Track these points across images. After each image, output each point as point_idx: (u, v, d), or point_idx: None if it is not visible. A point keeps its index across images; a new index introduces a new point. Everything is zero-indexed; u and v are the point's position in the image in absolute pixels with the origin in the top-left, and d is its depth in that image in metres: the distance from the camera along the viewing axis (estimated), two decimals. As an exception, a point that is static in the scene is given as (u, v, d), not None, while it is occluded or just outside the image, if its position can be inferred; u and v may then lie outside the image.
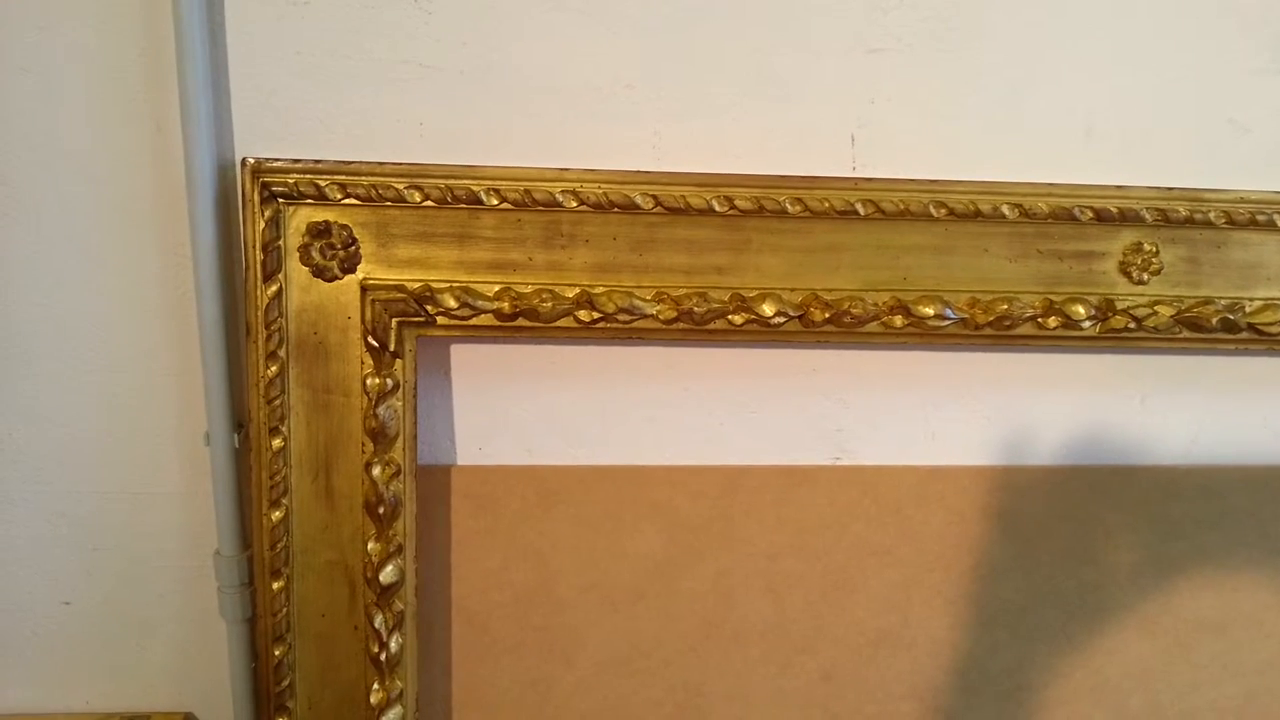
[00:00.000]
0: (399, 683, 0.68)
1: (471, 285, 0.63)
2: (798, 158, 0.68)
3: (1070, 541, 0.77)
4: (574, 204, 0.63)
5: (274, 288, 0.63)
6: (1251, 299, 0.69)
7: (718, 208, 0.64)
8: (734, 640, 0.75)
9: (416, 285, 0.63)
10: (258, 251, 0.62)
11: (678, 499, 0.73)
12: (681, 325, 0.65)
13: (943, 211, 0.65)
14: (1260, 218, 0.67)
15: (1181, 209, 0.67)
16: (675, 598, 0.74)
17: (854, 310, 0.65)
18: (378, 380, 0.63)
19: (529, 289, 0.64)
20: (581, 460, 0.72)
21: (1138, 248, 0.67)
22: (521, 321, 0.64)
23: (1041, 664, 0.78)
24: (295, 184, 0.62)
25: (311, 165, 0.62)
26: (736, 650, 0.75)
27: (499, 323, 0.64)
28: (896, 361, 0.73)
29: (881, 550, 0.75)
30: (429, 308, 0.63)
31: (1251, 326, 0.68)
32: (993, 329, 0.67)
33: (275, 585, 0.66)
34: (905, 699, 0.78)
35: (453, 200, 0.62)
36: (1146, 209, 0.66)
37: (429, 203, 0.62)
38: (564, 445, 0.72)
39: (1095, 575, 0.77)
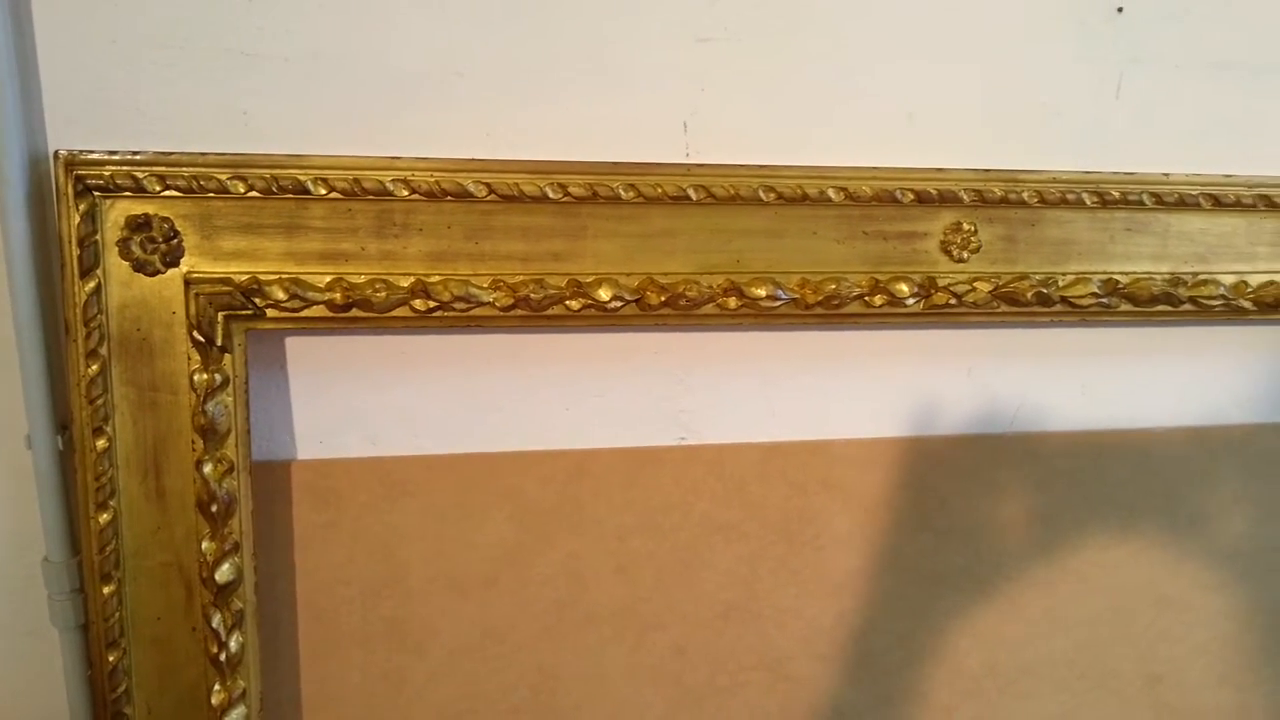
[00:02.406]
0: (241, 682, 0.67)
1: (301, 276, 0.62)
2: (632, 144, 0.69)
3: (907, 509, 0.80)
4: (405, 193, 0.62)
5: (92, 284, 0.60)
6: (1064, 273, 0.72)
7: (552, 195, 0.64)
8: (586, 621, 0.76)
9: (243, 278, 0.62)
10: (74, 247, 0.60)
11: (526, 485, 0.73)
12: (519, 312, 0.65)
13: (772, 196, 0.67)
14: (1070, 196, 0.71)
15: (997, 189, 0.70)
16: (526, 582, 0.75)
17: (689, 293, 0.67)
18: (205, 376, 0.62)
19: (362, 279, 0.63)
20: (427, 450, 0.72)
21: (957, 227, 0.70)
22: (355, 312, 0.63)
23: (884, 628, 0.82)
24: (112, 176, 0.60)
25: (129, 157, 0.60)
26: (589, 630, 0.76)
27: (332, 314, 0.63)
28: (736, 342, 0.75)
29: (727, 526, 0.77)
30: (257, 300, 0.62)
31: (1064, 299, 0.72)
32: (823, 308, 0.69)
33: (106, 590, 0.64)
34: (755, 669, 0.80)
35: (279, 190, 0.61)
36: (964, 190, 0.69)
37: (254, 193, 0.61)
38: (409, 435, 0.72)
39: (931, 541, 0.81)
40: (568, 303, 0.65)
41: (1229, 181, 0.73)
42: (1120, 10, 0.73)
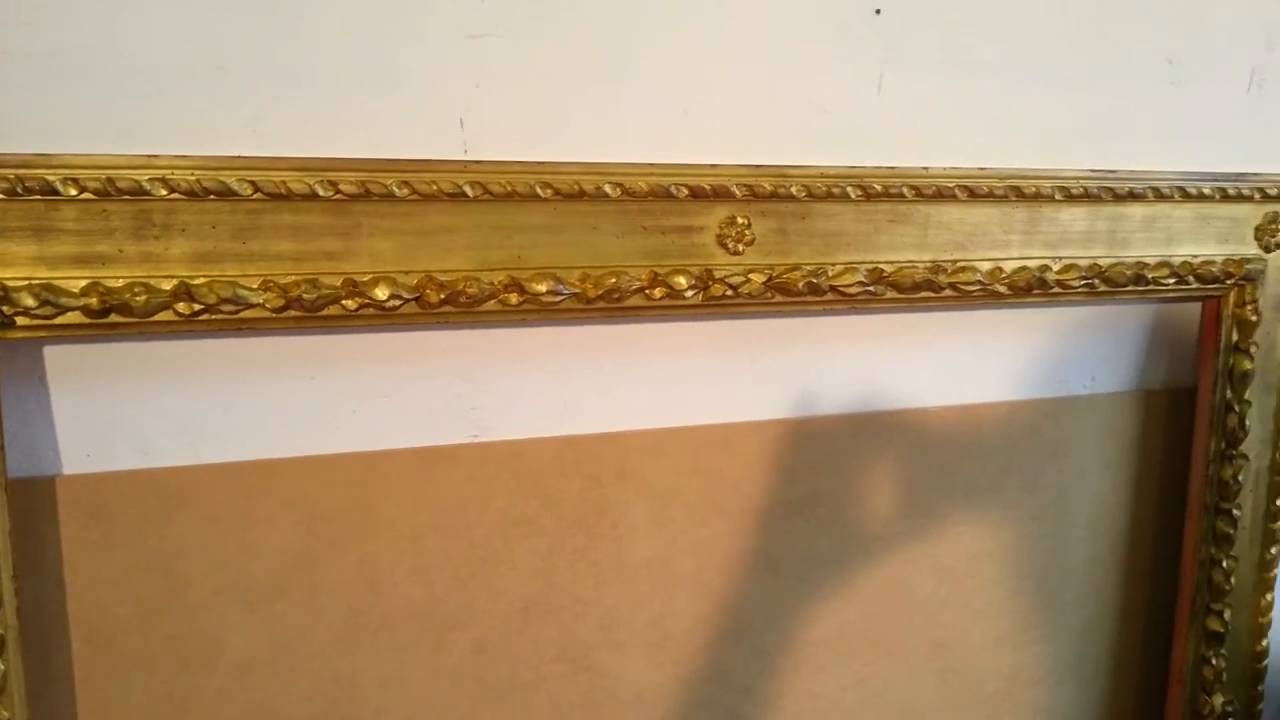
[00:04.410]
0: (5, 712, 0.63)
1: (53, 282, 0.59)
2: (409, 141, 0.68)
3: (699, 495, 0.82)
4: (164, 192, 0.60)
5: None
6: (833, 264, 0.76)
7: (322, 192, 0.63)
8: (383, 626, 0.75)
9: (-12, 285, 0.58)
10: None
11: (313, 490, 0.72)
12: (293, 313, 0.64)
13: (549, 192, 0.68)
14: (836, 190, 0.75)
15: (767, 184, 0.73)
16: (318, 590, 0.73)
17: (469, 290, 0.67)
18: (-52, 389, 0.58)
19: (120, 283, 0.60)
20: (204, 459, 0.69)
21: (731, 221, 0.73)
22: (115, 317, 0.60)
23: (682, 612, 0.84)
24: None
25: None
26: (386, 635, 0.76)
27: (89, 320, 0.60)
28: (525, 338, 0.75)
29: (524, 521, 0.78)
30: (5, 308, 0.58)
31: (834, 288, 0.76)
32: (605, 302, 0.70)
33: None
34: (557, 661, 0.81)
35: (25, 192, 0.58)
36: (736, 185, 0.72)
37: (-4, 195, 0.58)
38: (184, 445, 0.69)
39: (724, 525, 0.83)
40: (344, 302, 0.64)
41: (983, 174, 0.79)
42: (878, 12, 0.78)
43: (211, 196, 0.61)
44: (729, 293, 0.73)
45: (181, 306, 0.61)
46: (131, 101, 0.63)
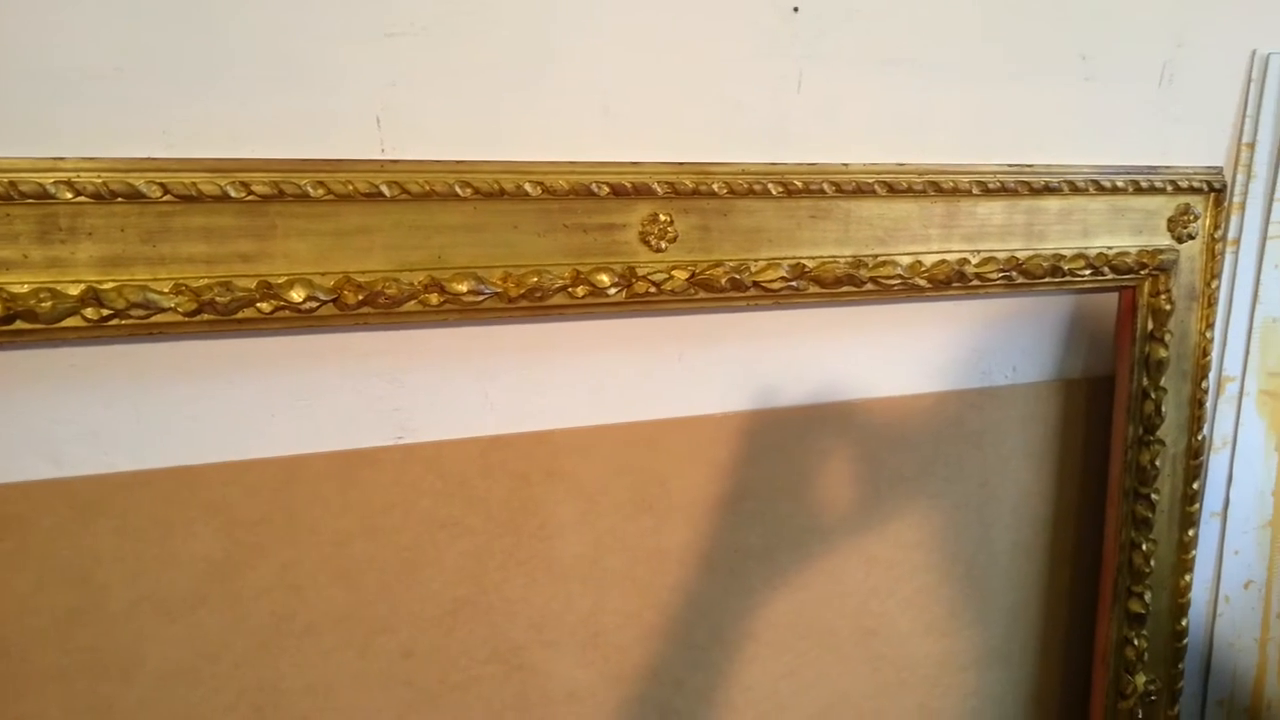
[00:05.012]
0: (-89, 733, 0.61)
1: (-46, 289, 0.58)
2: (324, 140, 0.67)
3: (629, 493, 0.82)
4: (70, 195, 0.59)
5: None
6: (756, 260, 0.77)
7: (234, 194, 0.62)
8: (307, 632, 0.74)
9: (-116, 292, 0.57)
10: None
11: (232, 496, 0.71)
12: (206, 317, 0.63)
13: (469, 191, 0.67)
14: (758, 187, 0.75)
15: (689, 181, 0.73)
16: (239, 598, 0.72)
17: (388, 291, 0.66)
18: None
19: (25, 289, 0.59)
20: (119, 467, 0.68)
21: (654, 218, 0.73)
22: (20, 324, 0.59)
23: (614, 609, 0.84)
24: None
25: None
26: (311, 641, 0.75)
27: (-8, 327, 0.59)
28: (448, 338, 0.75)
29: (451, 522, 0.77)
30: (-98, 316, 0.57)
31: (757, 284, 0.76)
32: (527, 300, 0.70)
33: None
34: (488, 662, 0.80)
35: (-79, 197, 0.56)
36: (658, 182, 0.72)
37: (-109, 200, 0.56)
38: (97, 453, 0.67)
39: (653, 521, 0.84)
40: (259, 305, 0.63)
41: (902, 170, 0.80)
42: (796, 10, 0.78)
43: (119, 199, 0.60)
44: (652, 290, 0.73)
45: (89, 312, 0.60)
46: (34, 103, 0.61)
